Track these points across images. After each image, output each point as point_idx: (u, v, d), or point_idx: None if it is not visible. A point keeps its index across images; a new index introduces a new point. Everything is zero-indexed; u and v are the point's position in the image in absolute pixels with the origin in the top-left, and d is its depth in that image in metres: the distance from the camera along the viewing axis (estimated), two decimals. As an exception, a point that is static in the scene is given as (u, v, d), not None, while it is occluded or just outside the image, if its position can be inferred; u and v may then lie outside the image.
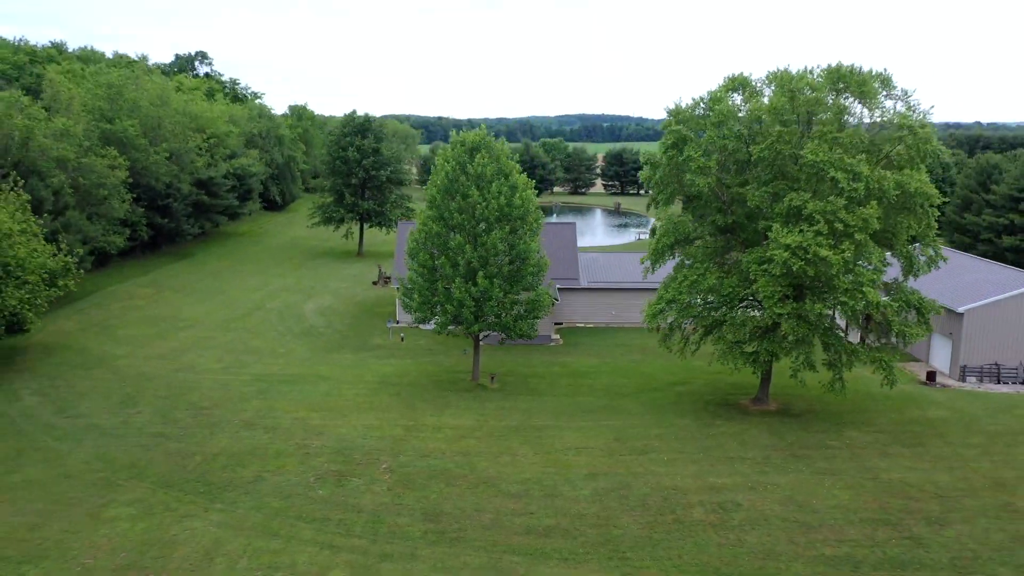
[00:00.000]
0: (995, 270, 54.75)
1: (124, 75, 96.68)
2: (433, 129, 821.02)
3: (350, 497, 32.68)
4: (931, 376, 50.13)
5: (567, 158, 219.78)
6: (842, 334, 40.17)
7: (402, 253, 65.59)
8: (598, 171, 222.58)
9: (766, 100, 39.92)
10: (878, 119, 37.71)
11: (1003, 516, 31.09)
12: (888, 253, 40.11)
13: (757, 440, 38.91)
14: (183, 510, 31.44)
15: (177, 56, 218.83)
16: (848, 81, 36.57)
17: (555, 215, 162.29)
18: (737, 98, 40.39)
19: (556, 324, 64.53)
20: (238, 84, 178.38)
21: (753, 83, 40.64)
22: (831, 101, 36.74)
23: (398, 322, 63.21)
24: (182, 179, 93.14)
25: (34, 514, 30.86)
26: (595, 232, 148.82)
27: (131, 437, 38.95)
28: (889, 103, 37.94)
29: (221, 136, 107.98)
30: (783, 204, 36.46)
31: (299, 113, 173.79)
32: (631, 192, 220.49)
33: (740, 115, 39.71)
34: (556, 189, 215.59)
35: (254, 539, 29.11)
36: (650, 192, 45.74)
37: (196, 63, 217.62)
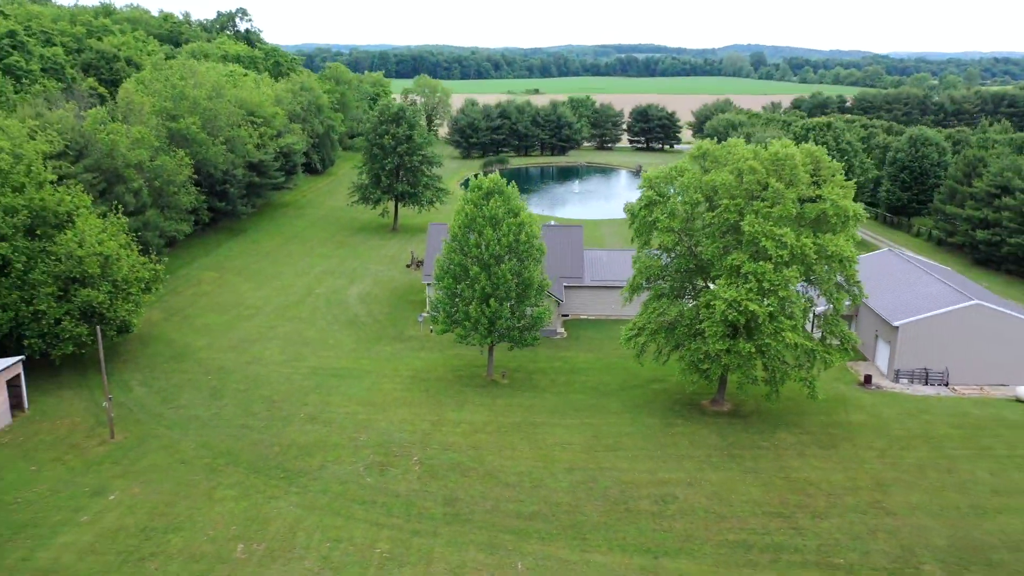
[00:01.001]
0: (934, 286, 63.83)
1: (183, 67, 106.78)
2: (467, 64, 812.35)
3: (390, 484, 44.39)
4: (868, 379, 60.17)
5: (594, 114, 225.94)
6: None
7: (430, 250, 76.20)
8: (624, 127, 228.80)
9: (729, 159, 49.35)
10: (807, 192, 47.05)
11: (870, 512, 41.83)
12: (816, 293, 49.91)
13: (705, 440, 49.77)
14: (270, 492, 43.43)
15: (219, 13, 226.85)
16: (783, 166, 45.93)
17: (577, 181, 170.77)
18: (698, 166, 49.84)
19: (563, 316, 75.12)
20: (279, 49, 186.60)
21: (714, 153, 50.00)
22: (769, 182, 46.03)
23: (428, 314, 74.19)
24: (236, 164, 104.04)
25: (165, 493, 43.06)
26: (619, 197, 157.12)
27: (223, 427, 51.01)
28: (823, 173, 47.24)
29: (268, 118, 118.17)
30: (728, 260, 46.42)
31: (336, 77, 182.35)
32: (656, 147, 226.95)
33: (702, 179, 49.11)
34: (584, 144, 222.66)
35: (323, 517, 40.98)
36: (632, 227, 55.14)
37: (236, 20, 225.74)
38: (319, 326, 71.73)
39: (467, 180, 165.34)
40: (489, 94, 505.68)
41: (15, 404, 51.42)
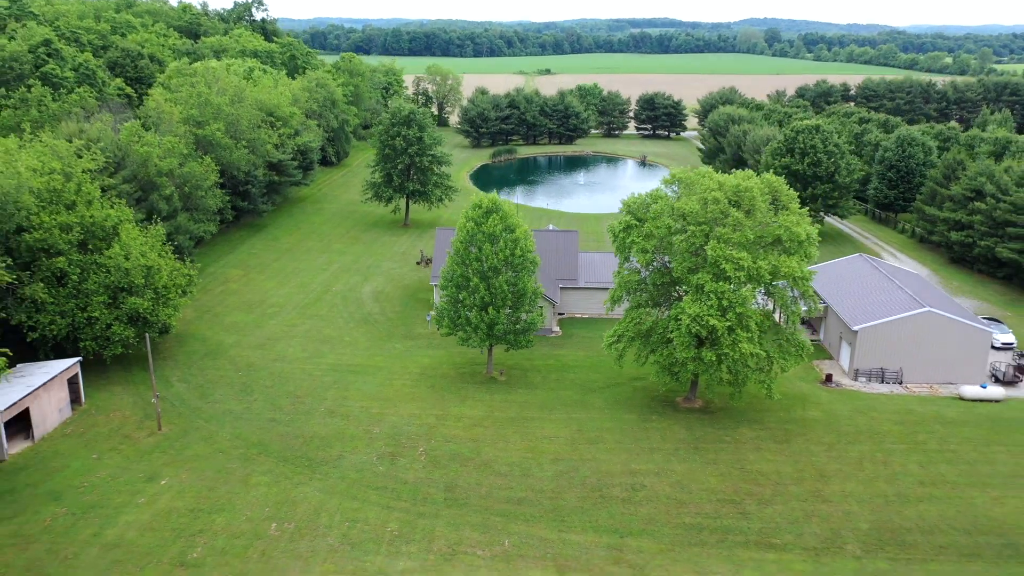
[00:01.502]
0: (894, 292, 70.03)
1: (207, 73, 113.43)
2: (479, 41, 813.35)
3: (399, 472, 51.66)
4: (829, 378, 66.80)
5: (601, 102, 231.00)
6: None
7: (437, 252, 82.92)
8: (631, 114, 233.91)
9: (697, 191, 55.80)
10: (765, 219, 53.46)
11: (809, 499, 48.73)
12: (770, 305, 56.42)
13: (675, 434, 56.71)
14: (296, 479, 50.80)
15: (236, 3, 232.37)
16: (743, 197, 52.35)
17: (583, 173, 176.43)
18: (671, 192, 56.33)
19: (559, 315, 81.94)
20: (294, 43, 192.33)
21: (686, 180, 56.43)
22: (730, 211, 52.47)
23: (435, 313, 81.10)
24: (257, 165, 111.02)
25: (207, 479, 50.52)
26: (623, 189, 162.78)
27: (253, 421, 58.41)
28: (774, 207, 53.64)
29: (286, 118, 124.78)
30: (693, 279, 53.05)
31: (350, 69, 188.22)
32: (662, 135, 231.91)
33: (674, 205, 55.58)
34: (592, 131, 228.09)
35: (342, 501, 48.32)
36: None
37: (252, 9, 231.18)
38: (336, 324, 78.95)
39: (477, 168, 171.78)
40: (501, 74, 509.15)
41: (74, 399, 59.04)
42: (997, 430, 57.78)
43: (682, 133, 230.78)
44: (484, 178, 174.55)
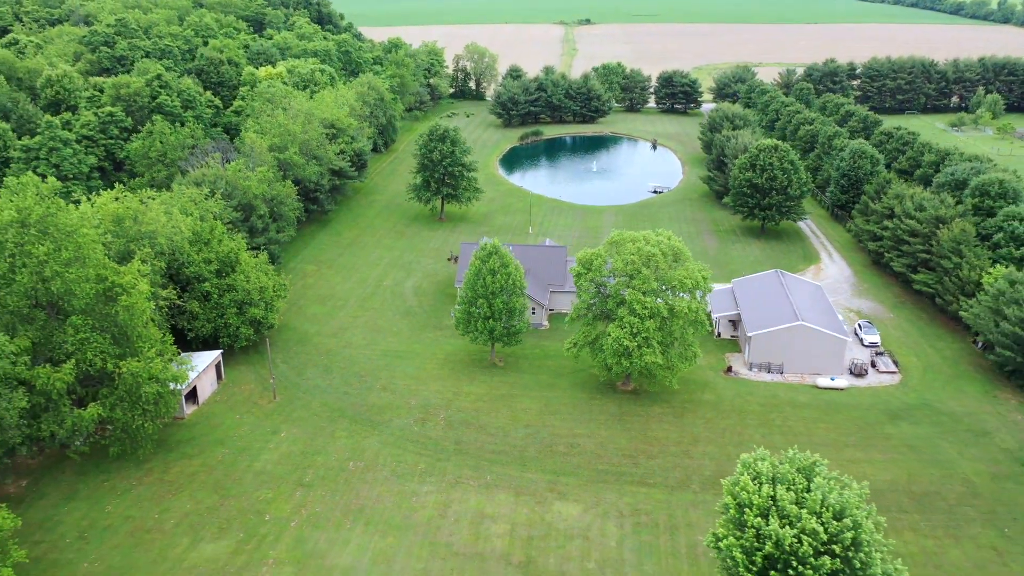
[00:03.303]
0: (784, 306, 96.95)
1: (283, 99, 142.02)
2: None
3: (427, 432, 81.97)
4: (729, 368, 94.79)
5: (624, 79, 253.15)
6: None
7: (462, 261, 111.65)
8: (651, 91, 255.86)
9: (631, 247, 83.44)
10: (666, 273, 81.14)
11: (680, 456, 77.68)
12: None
13: (608, 409, 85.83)
14: (364, 434, 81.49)
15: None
16: (650, 260, 79.99)
17: (595, 162, 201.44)
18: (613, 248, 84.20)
19: (549, 311, 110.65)
20: (348, 39, 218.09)
21: (619, 242, 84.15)
22: (641, 269, 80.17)
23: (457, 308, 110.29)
24: (323, 175, 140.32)
25: (309, 433, 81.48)
26: (631, 177, 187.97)
27: (334, 393, 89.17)
28: (677, 263, 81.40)
29: (345, 129, 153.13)
30: (618, 312, 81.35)
31: (396, 61, 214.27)
32: (679, 110, 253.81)
33: (607, 260, 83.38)
34: (615, 106, 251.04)
35: (392, 450, 78.87)
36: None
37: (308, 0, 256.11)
38: (387, 316, 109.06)
39: (507, 152, 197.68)
40: (541, 24, 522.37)
41: (218, 377, 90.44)
42: (827, 412, 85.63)
43: (701, 108, 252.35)
44: (512, 160, 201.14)
